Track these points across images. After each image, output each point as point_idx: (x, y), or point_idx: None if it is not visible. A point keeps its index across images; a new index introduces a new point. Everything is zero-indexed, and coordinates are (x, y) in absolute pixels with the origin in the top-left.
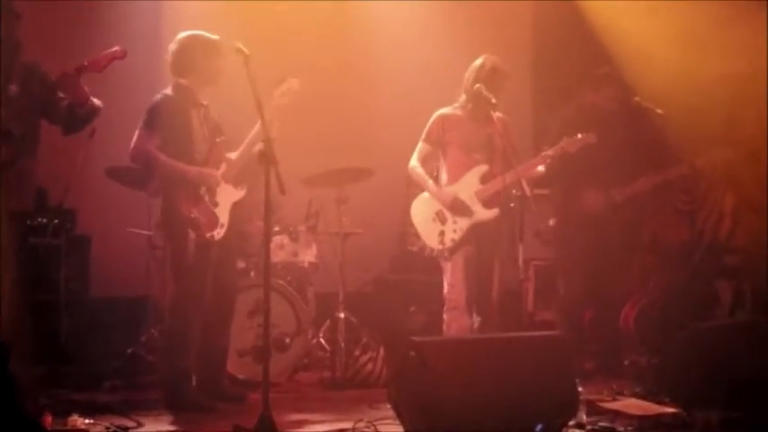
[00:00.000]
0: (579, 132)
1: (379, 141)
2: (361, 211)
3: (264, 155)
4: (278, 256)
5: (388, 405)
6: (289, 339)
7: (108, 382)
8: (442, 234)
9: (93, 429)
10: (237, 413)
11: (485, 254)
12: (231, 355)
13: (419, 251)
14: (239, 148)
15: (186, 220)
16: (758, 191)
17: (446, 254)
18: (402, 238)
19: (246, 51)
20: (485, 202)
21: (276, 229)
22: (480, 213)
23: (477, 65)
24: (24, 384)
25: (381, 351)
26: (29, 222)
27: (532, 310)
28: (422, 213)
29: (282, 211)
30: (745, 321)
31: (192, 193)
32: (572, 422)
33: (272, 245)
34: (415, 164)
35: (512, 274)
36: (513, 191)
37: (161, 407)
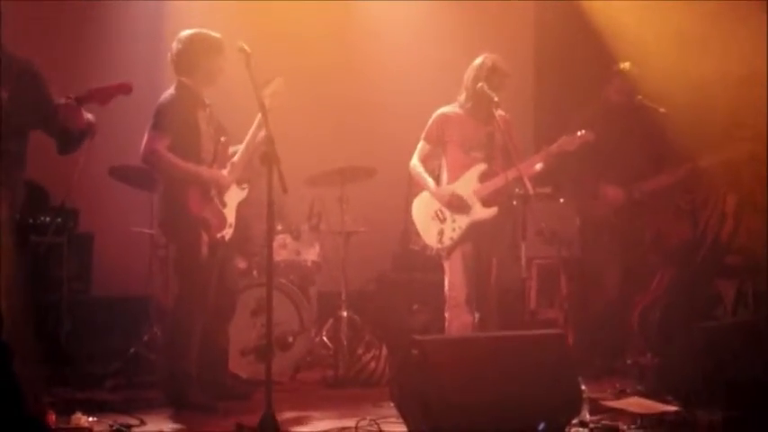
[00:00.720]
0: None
1: (382, 140)
2: (363, 210)
3: (267, 154)
4: (280, 255)
5: (391, 403)
6: (291, 338)
7: (110, 381)
8: (441, 233)
9: (97, 427)
10: (240, 411)
11: (483, 252)
12: (234, 354)
13: (421, 250)
14: (239, 149)
15: (198, 221)
16: (760, 190)
17: (445, 252)
18: (404, 236)
19: (249, 50)
20: (483, 200)
21: (279, 228)
22: (479, 212)
23: (478, 63)
24: (27, 383)
25: (384, 349)
26: (31, 221)
27: (535, 308)
28: (422, 212)
29: (285, 209)
30: (747, 321)
31: (203, 193)
32: (575, 420)
33: (274, 244)
34: (415, 162)
35: (514, 272)
36: (516, 189)
37: (163, 405)
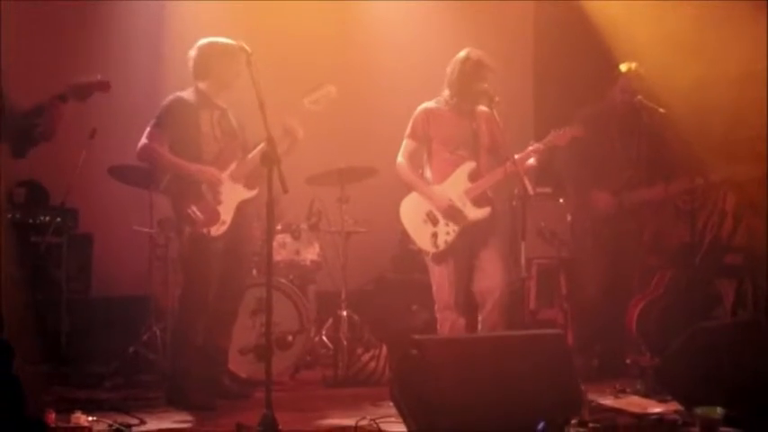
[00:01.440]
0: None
1: (382, 140)
2: (363, 210)
3: (267, 155)
4: (280, 255)
5: (391, 403)
6: (291, 337)
7: (109, 380)
8: (434, 236)
9: (96, 426)
10: (240, 411)
11: (476, 247)
12: (234, 354)
13: (420, 250)
14: (254, 150)
15: (182, 216)
16: (759, 190)
17: (438, 257)
18: (404, 236)
19: (249, 50)
20: (475, 200)
21: (278, 227)
22: (472, 213)
23: (462, 57)
24: (27, 382)
25: (383, 349)
26: (31, 221)
27: (535, 308)
28: (412, 215)
29: (281, 205)
30: (746, 320)
31: (193, 189)
32: (574, 420)
33: (274, 243)
34: (402, 162)
35: (514, 272)
36: (516, 190)
37: (163, 405)
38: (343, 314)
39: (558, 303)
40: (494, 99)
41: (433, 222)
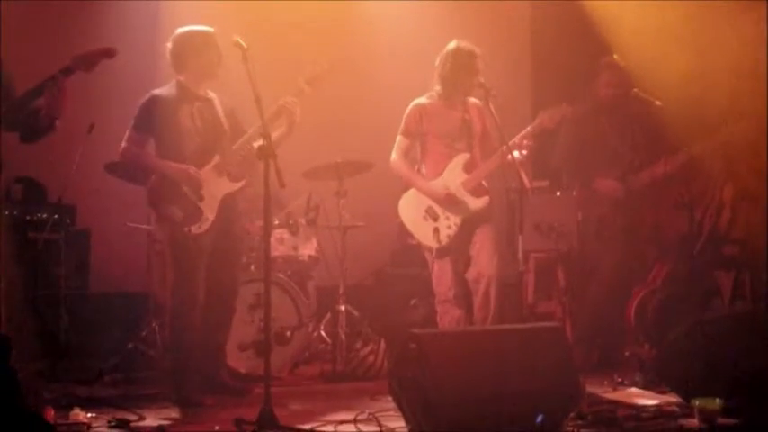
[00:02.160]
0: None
1: (378, 134)
2: (360, 205)
3: (263, 149)
4: (278, 250)
5: (390, 397)
6: (289, 333)
7: (108, 376)
8: (436, 231)
9: (95, 423)
10: (239, 406)
11: (471, 239)
12: (232, 349)
13: (419, 244)
14: (240, 140)
15: (163, 217)
16: (757, 181)
17: (443, 251)
18: (402, 230)
19: (245, 45)
20: (473, 191)
21: (276, 222)
22: (472, 204)
23: (452, 49)
24: (26, 379)
25: (382, 343)
26: (28, 218)
27: (533, 301)
28: (411, 212)
29: (282, 201)
30: (744, 311)
31: (173, 188)
32: (573, 413)
33: (271, 239)
34: (396, 159)
35: (511, 266)
36: (513, 183)
37: (162, 400)
38: (342, 309)
39: (556, 297)
40: (490, 93)
41: (434, 218)
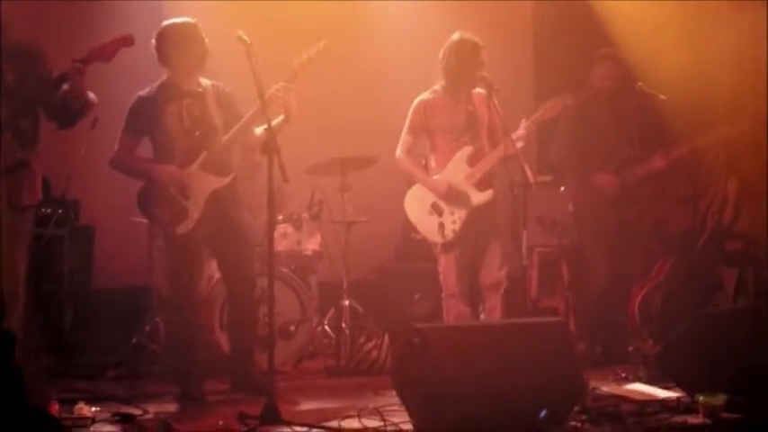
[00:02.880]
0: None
1: (383, 129)
2: (364, 200)
3: (267, 144)
4: (281, 245)
5: (393, 392)
6: (293, 327)
7: (112, 371)
8: (441, 226)
9: (99, 417)
10: (242, 401)
11: (482, 237)
12: None
13: (423, 239)
14: (229, 132)
15: (150, 219)
16: (761, 177)
17: (448, 246)
18: (406, 225)
19: (247, 40)
20: (477, 184)
21: (279, 217)
22: (476, 197)
23: (456, 40)
24: (31, 374)
25: (386, 338)
26: None
27: (536, 296)
28: (416, 207)
29: (284, 198)
30: (748, 307)
31: (159, 191)
32: (577, 408)
33: (275, 233)
34: (401, 156)
35: (515, 260)
36: (516, 177)
37: (165, 395)
38: (346, 304)
39: (560, 291)
40: (493, 87)
41: (439, 213)
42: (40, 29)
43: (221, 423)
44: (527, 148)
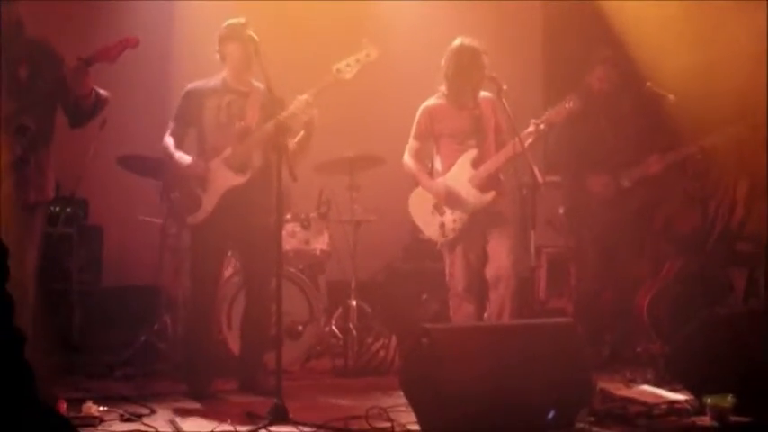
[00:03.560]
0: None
1: (391, 129)
2: (372, 199)
3: (276, 143)
4: (290, 244)
5: (401, 392)
6: (301, 327)
7: (120, 370)
8: (442, 226)
9: (107, 416)
10: (250, 400)
11: (487, 231)
12: None
13: (431, 239)
14: (254, 133)
15: (167, 203)
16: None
17: (449, 245)
18: (414, 225)
19: (256, 38)
20: (480, 186)
21: (288, 217)
22: (476, 200)
23: (456, 47)
24: (39, 372)
25: (393, 338)
26: None
27: (545, 297)
28: (420, 207)
29: (292, 199)
30: (758, 309)
31: (181, 180)
32: (584, 409)
33: (283, 233)
34: (407, 159)
35: (523, 261)
36: (525, 178)
37: (174, 394)
38: (353, 303)
39: (568, 292)
40: (502, 87)
41: (441, 213)
42: (47, 27)
43: (229, 422)
44: (535, 148)
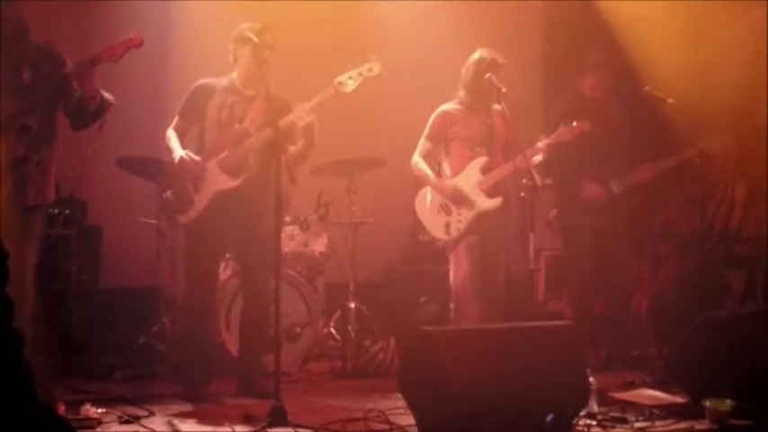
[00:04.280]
0: (575, 121)
1: (390, 131)
2: (371, 201)
3: (274, 144)
4: (288, 246)
5: (399, 395)
6: (299, 329)
7: (119, 371)
8: (447, 225)
9: (105, 418)
10: (248, 402)
11: (490, 243)
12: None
13: (430, 241)
14: (251, 137)
15: (162, 200)
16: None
17: (452, 244)
18: (413, 227)
19: (255, 40)
20: (488, 192)
21: (286, 219)
22: (483, 203)
23: (477, 58)
24: (37, 374)
25: (392, 341)
26: None
27: (543, 300)
28: (426, 205)
29: (292, 203)
30: (756, 311)
31: (177, 177)
32: (583, 412)
33: (282, 235)
34: (417, 159)
35: (522, 264)
36: (524, 180)
37: (172, 396)
38: (352, 306)
39: (567, 295)
40: (501, 91)
41: (447, 212)
42: (45, 28)
43: (227, 424)
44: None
